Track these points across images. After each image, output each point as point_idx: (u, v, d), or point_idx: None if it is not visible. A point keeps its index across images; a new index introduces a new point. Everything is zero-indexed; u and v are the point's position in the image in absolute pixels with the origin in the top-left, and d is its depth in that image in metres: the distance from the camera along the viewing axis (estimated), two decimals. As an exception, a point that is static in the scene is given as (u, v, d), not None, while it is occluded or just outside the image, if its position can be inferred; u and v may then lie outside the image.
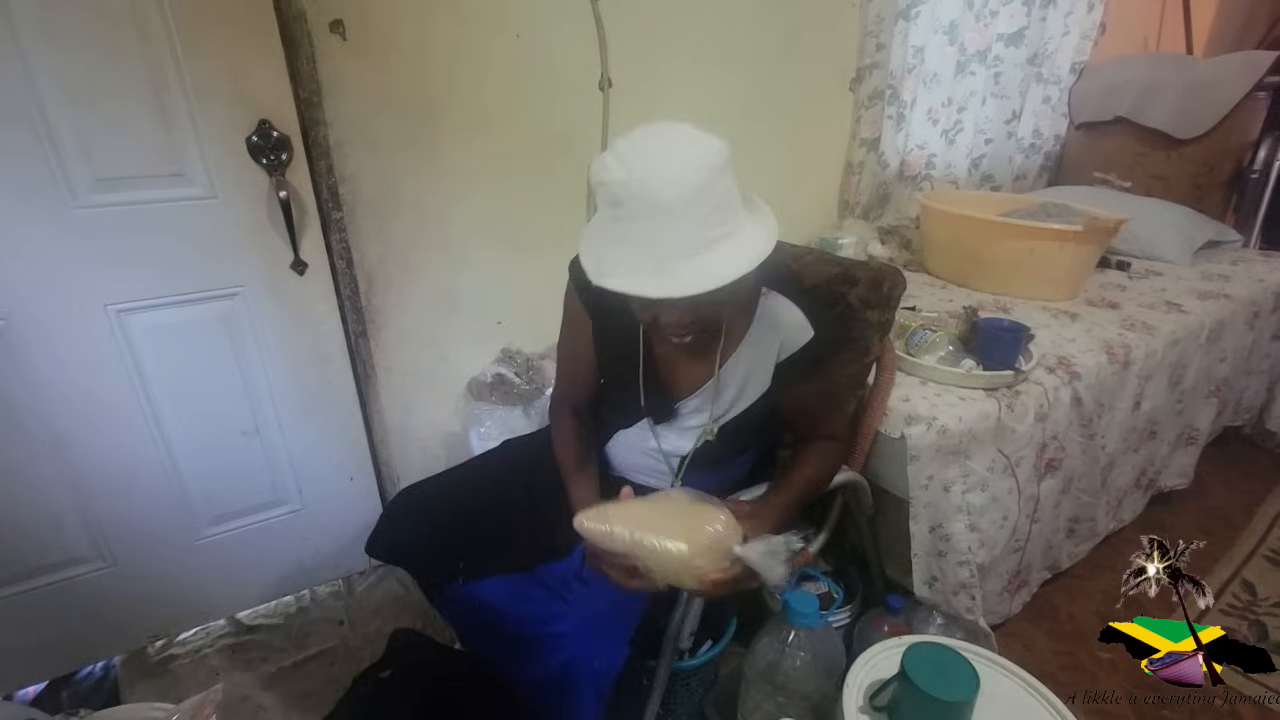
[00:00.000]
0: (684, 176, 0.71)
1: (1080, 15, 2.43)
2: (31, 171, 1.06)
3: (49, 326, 1.15)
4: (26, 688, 1.34)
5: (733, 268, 0.74)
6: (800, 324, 0.95)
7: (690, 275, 0.73)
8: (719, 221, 0.74)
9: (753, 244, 0.76)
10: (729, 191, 0.75)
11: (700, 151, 0.72)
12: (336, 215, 1.34)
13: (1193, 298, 1.81)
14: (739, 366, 0.99)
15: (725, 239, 0.74)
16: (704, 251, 0.73)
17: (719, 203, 0.73)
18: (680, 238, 0.73)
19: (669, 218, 0.71)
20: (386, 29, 1.29)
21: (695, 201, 0.71)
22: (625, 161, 0.72)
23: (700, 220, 0.72)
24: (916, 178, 2.27)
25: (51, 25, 1.01)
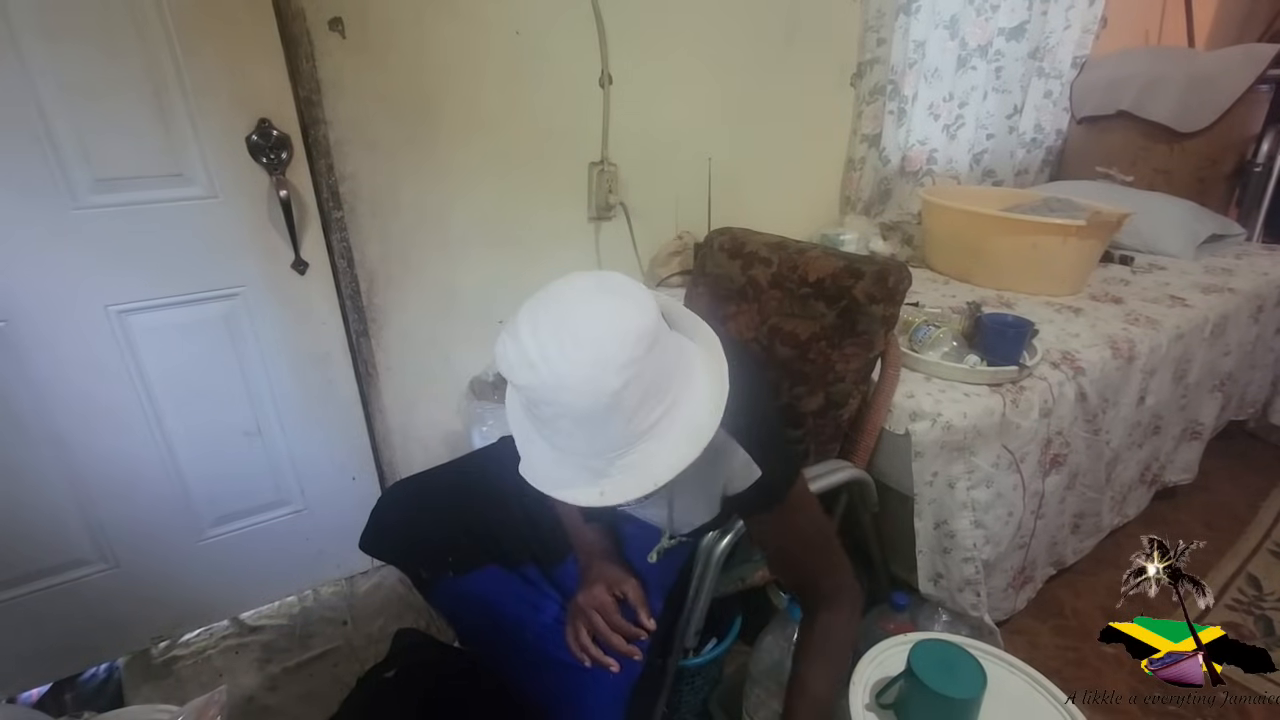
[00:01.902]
0: (601, 384, 0.60)
1: (1081, 9, 2.42)
2: (31, 172, 1.06)
3: (50, 328, 1.14)
4: (30, 690, 1.34)
5: (673, 459, 0.65)
6: (743, 462, 0.80)
7: (627, 479, 0.65)
8: (650, 409, 0.64)
9: (693, 421, 0.66)
10: (658, 370, 0.64)
11: (614, 347, 0.60)
12: (337, 214, 1.33)
13: (1196, 292, 1.80)
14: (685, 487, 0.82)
15: (661, 421, 0.65)
16: (638, 444, 0.64)
17: (647, 390, 0.63)
18: (608, 442, 0.64)
19: (590, 426, 0.63)
20: (386, 27, 1.28)
21: (617, 406, 0.61)
22: (534, 367, 0.61)
23: (627, 419, 0.63)
24: (918, 173, 2.26)
25: (50, 25, 1.01)
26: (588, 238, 1.71)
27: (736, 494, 0.83)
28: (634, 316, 0.62)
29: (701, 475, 0.81)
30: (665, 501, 0.95)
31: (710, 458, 0.76)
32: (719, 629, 1.19)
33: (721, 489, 0.86)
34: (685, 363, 0.68)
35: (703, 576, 1.02)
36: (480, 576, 1.02)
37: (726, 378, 0.69)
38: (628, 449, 0.64)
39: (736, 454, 0.80)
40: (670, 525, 0.98)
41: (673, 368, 0.66)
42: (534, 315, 0.64)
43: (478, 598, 1.01)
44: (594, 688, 0.88)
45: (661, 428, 0.65)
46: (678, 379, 0.66)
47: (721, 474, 0.83)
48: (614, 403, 0.61)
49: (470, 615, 1.04)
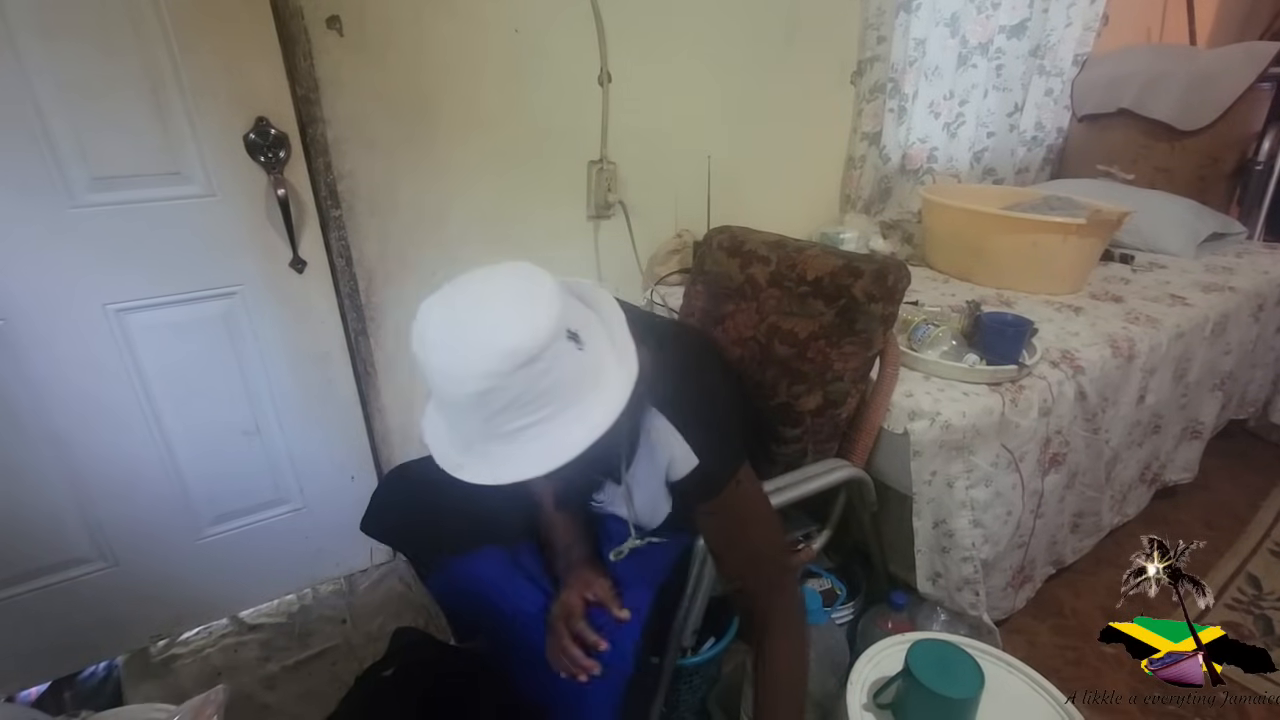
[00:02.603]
0: (466, 381, 0.65)
1: (1083, 6, 2.42)
2: (28, 171, 1.05)
3: (48, 327, 1.14)
4: (29, 689, 1.34)
5: (521, 469, 0.69)
6: (683, 452, 0.83)
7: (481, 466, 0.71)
8: (517, 416, 0.67)
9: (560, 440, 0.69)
10: (528, 388, 0.66)
11: (487, 355, 0.65)
12: (335, 213, 1.33)
13: (1197, 290, 1.79)
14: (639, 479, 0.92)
15: (526, 430, 0.68)
16: (503, 443, 0.69)
17: (512, 401, 0.66)
18: (477, 429, 0.69)
19: (460, 412, 0.69)
20: (384, 24, 1.28)
21: (478, 404, 0.66)
22: (426, 345, 0.67)
23: (487, 419, 0.67)
24: (918, 171, 2.26)
25: (47, 23, 1.00)
26: (587, 236, 1.70)
27: (677, 481, 0.86)
28: (516, 336, 0.65)
29: (653, 461, 0.87)
30: (625, 499, 0.96)
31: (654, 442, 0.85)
32: (717, 628, 1.19)
33: (665, 476, 0.88)
34: (584, 383, 0.70)
35: (699, 575, 1.02)
36: (475, 560, 1.02)
37: (618, 407, 0.71)
38: (495, 443, 0.69)
39: (676, 443, 0.83)
40: (634, 521, 0.99)
41: (558, 386, 0.68)
42: (448, 297, 0.70)
43: (472, 588, 1.02)
44: (587, 686, 0.88)
45: (524, 437, 0.69)
46: (563, 398, 0.69)
47: (664, 461, 0.86)
48: (474, 403, 0.66)
49: (466, 606, 1.05)
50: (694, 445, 0.82)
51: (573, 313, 0.72)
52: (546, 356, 0.66)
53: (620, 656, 0.89)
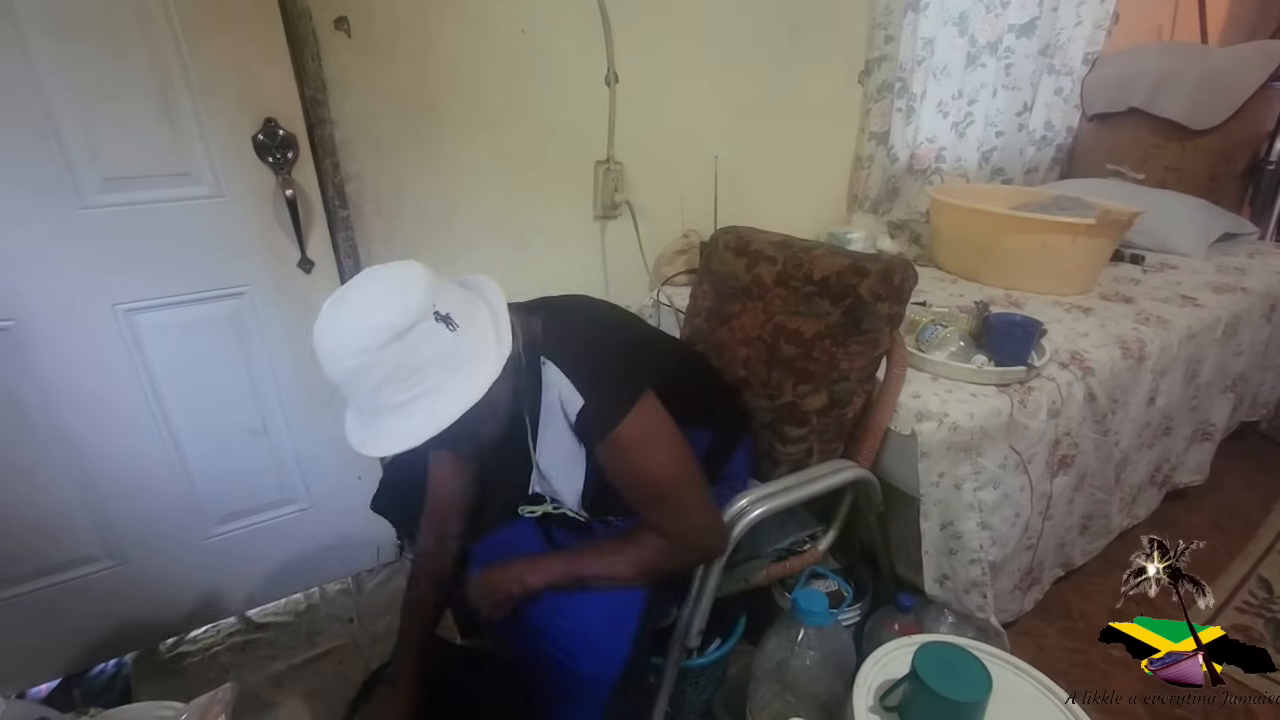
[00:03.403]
0: (339, 359, 0.74)
1: (1093, 5, 2.40)
2: (39, 172, 1.06)
3: (57, 327, 1.15)
4: (39, 686, 1.35)
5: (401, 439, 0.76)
6: (570, 394, 0.88)
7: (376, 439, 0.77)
8: (397, 390, 0.75)
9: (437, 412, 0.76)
10: (402, 364, 0.74)
11: (360, 332, 0.73)
12: (343, 213, 1.34)
13: (1208, 291, 1.78)
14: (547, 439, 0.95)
15: (411, 404, 0.76)
16: (386, 416, 0.76)
17: (387, 376, 0.74)
18: (365, 405, 0.77)
19: (347, 389, 0.77)
20: (391, 25, 1.28)
21: (354, 379, 0.75)
22: (316, 329, 0.76)
23: (370, 395, 0.75)
24: (926, 171, 2.25)
25: (56, 25, 1.01)
26: (593, 237, 1.70)
27: (573, 423, 0.90)
28: (383, 315, 0.73)
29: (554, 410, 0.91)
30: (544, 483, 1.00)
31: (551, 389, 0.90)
32: (723, 629, 1.19)
33: (566, 419, 0.91)
34: (458, 361, 0.77)
35: (705, 575, 1.02)
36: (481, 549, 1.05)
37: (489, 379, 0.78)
38: (379, 416, 0.77)
39: (565, 384, 0.88)
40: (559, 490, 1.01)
41: (431, 364, 0.75)
42: (338, 293, 0.78)
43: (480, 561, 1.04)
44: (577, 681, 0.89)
45: (407, 411, 0.76)
46: (439, 374, 0.76)
47: (558, 404, 0.90)
48: (352, 378, 0.75)
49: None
50: (579, 387, 0.87)
51: (449, 299, 0.79)
52: (413, 335, 0.74)
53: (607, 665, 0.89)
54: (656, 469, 0.91)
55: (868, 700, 0.85)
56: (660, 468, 0.91)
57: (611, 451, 0.89)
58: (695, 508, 0.96)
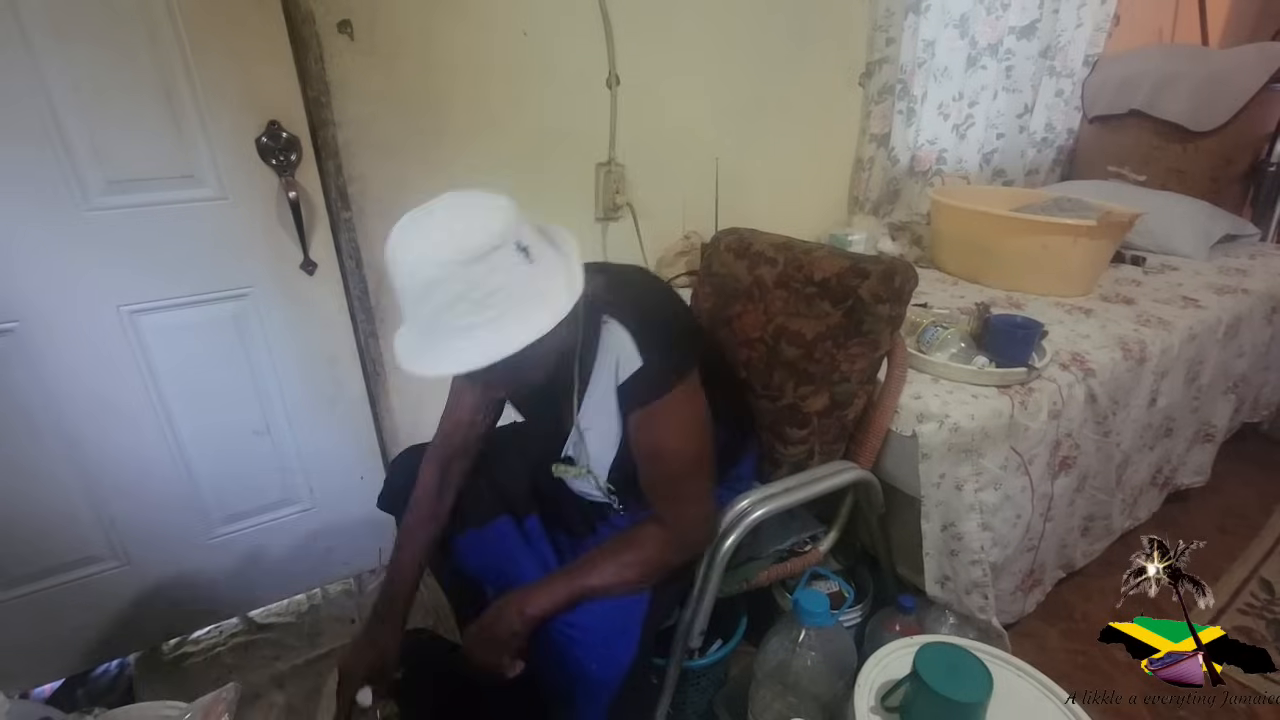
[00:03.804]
0: (417, 270, 0.73)
1: (1094, 7, 2.41)
2: (44, 174, 1.07)
3: (62, 328, 1.16)
4: (42, 686, 1.35)
5: (460, 363, 0.75)
6: (630, 352, 0.88)
7: (434, 359, 0.76)
8: (467, 312, 0.74)
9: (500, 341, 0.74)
10: (477, 285, 0.73)
11: (445, 246, 0.72)
12: (345, 215, 1.34)
13: (1210, 292, 1.78)
14: (593, 398, 0.95)
15: (478, 329, 0.74)
16: (448, 337, 0.75)
17: (461, 295, 0.73)
18: (424, 322, 0.76)
19: (409, 302, 0.76)
20: (394, 29, 1.29)
21: (426, 293, 0.73)
22: (392, 244, 0.75)
23: (437, 311, 0.74)
24: (927, 173, 2.25)
25: (62, 29, 1.02)
26: (595, 238, 1.71)
27: (623, 383, 0.89)
28: (468, 235, 0.73)
29: (606, 369, 0.91)
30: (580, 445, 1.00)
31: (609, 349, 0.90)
32: (724, 630, 1.19)
33: (615, 378, 0.91)
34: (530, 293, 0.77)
35: (707, 576, 1.02)
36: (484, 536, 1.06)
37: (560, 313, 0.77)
38: (441, 338, 0.75)
39: (625, 344, 0.88)
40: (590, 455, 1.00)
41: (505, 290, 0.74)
42: (419, 210, 0.78)
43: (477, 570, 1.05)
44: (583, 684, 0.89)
45: (473, 336, 0.74)
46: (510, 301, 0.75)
47: (613, 363, 0.90)
48: (424, 293, 0.73)
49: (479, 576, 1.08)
50: (640, 348, 0.87)
51: (529, 234, 0.79)
52: (495, 258, 0.73)
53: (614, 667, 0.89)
54: (685, 447, 0.92)
55: (869, 701, 0.86)
56: (689, 446, 0.92)
57: (650, 419, 0.89)
58: (703, 496, 0.97)
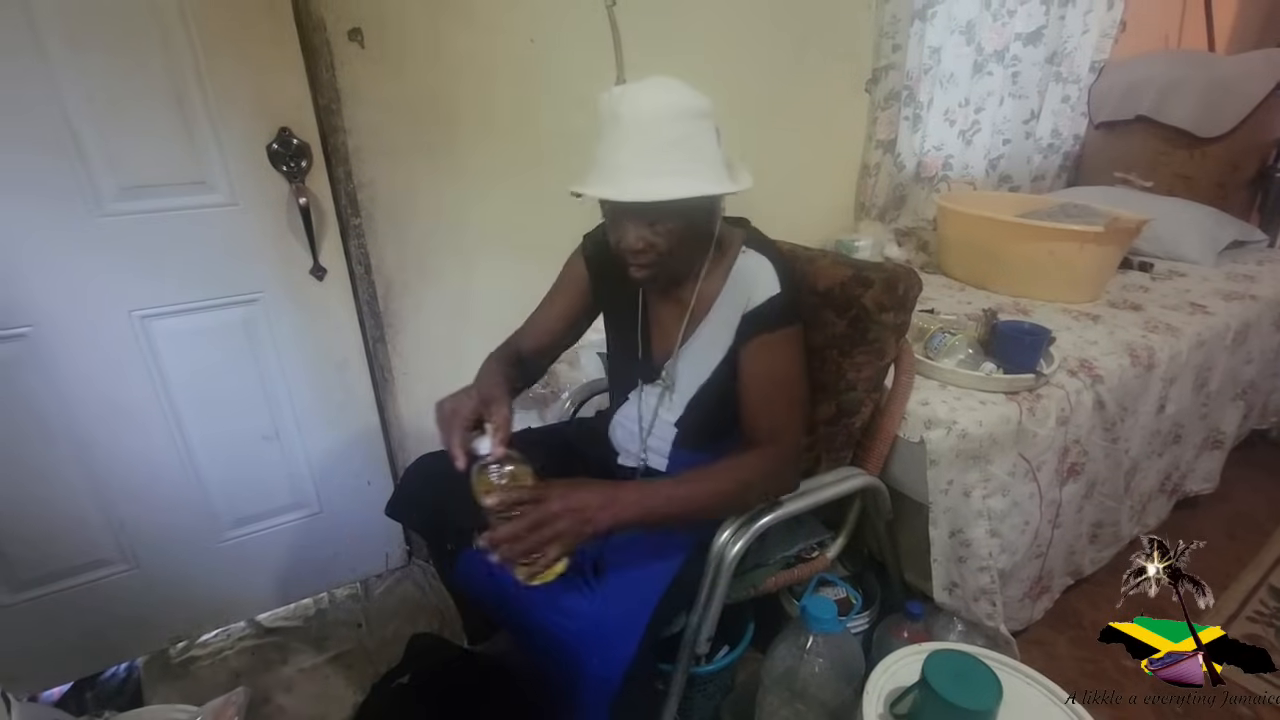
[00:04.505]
0: (655, 105, 0.85)
1: (1100, 13, 2.41)
2: (59, 181, 1.08)
3: (75, 333, 1.17)
4: (52, 688, 1.36)
5: (671, 190, 0.84)
6: (770, 278, 0.98)
7: (634, 188, 0.85)
8: (681, 158, 0.86)
9: (702, 184, 0.87)
10: (695, 139, 0.87)
11: (679, 95, 0.86)
12: (355, 221, 1.35)
13: (1218, 299, 1.78)
14: (711, 322, 1.03)
15: (681, 174, 0.86)
16: (656, 177, 0.85)
17: (679, 140, 0.85)
18: (632, 156, 0.85)
19: (627, 136, 0.85)
20: (403, 37, 1.30)
21: (656, 127, 0.84)
22: (613, 92, 0.87)
23: (658, 148, 0.85)
24: (933, 179, 2.25)
25: (76, 38, 1.03)
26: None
27: (755, 308, 0.97)
28: (699, 97, 0.88)
29: (736, 294, 1.00)
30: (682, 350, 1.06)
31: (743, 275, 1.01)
32: (731, 636, 1.19)
33: (745, 305, 0.98)
34: (717, 165, 0.90)
35: (714, 582, 1.02)
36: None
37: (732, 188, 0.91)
38: (648, 176, 0.85)
39: (767, 269, 0.99)
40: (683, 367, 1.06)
41: (710, 158, 0.89)
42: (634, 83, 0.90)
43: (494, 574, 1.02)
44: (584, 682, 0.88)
45: (677, 178, 0.86)
46: (707, 165, 0.88)
47: (749, 290, 0.99)
48: (655, 123, 0.85)
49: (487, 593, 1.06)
50: (779, 277, 0.99)
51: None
52: (707, 124, 0.88)
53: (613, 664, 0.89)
54: (798, 379, 1.01)
55: (877, 708, 0.85)
56: (800, 381, 1.02)
57: (774, 345, 0.97)
58: (799, 434, 1.04)
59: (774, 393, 0.98)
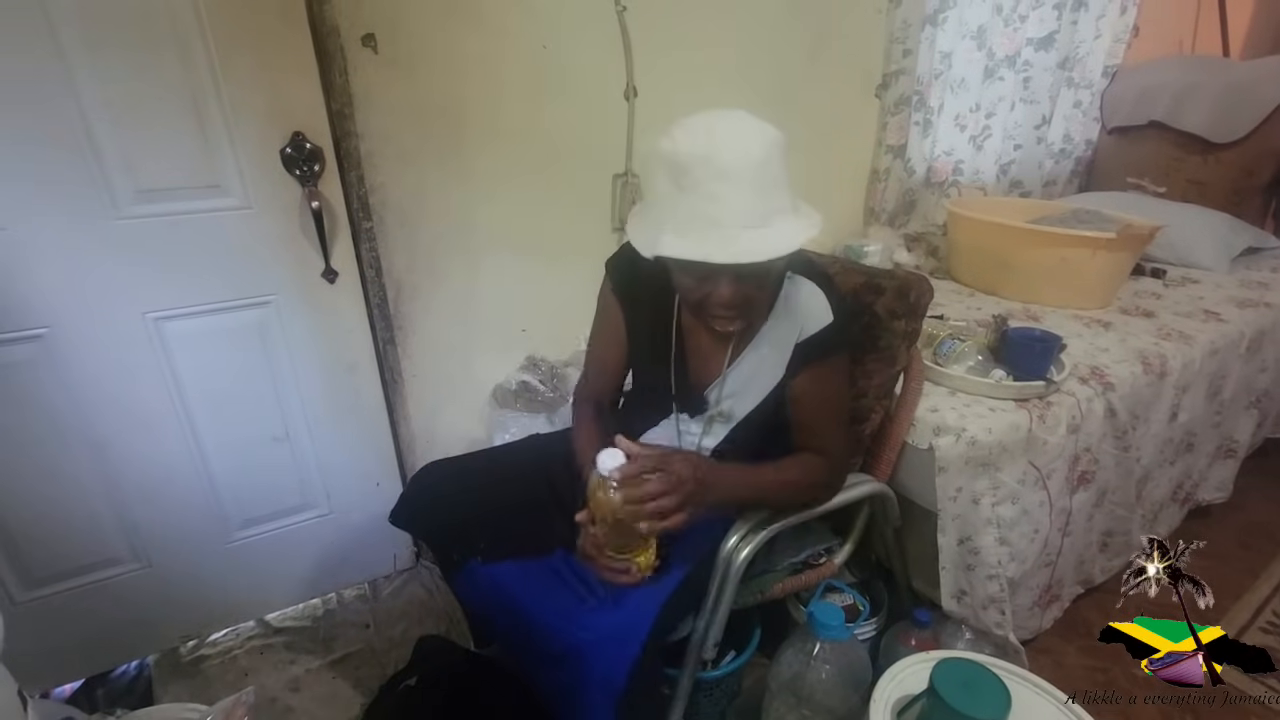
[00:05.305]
0: (750, 148, 0.78)
1: (1113, 18, 2.40)
2: (76, 184, 1.09)
3: (90, 334, 1.18)
4: (63, 686, 1.37)
5: (791, 239, 0.80)
6: (822, 307, 0.97)
7: (750, 244, 0.78)
8: (776, 198, 0.81)
9: (804, 223, 0.83)
10: (783, 174, 0.82)
11: (761, 130, 0.81)
12: (366, 225, 1.36)
13: (1231, 306, 1.76)
14: (759, 350, 1.02)
15: (780, 215, 0.81)
16: (761, 225, 0.79)
17: (775, 180, 0.81)
18: (742, 207, 0.78)
19: (733, 185, 0.78)
20: (416, 42, 1.31)
21: (758, 172, 0.78)
22: (694, 134, 0.79)
23: (761, 192, 0.79)
24: (944, 184, 2.25)
25: (96, 45, 1.04)
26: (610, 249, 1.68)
27: (809, 337, 0.97)
28: (773, 129, 0.82)
29: (785, 324, 0.99)
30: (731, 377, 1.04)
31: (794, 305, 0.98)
32: (738, 641, 1.19)
33: (797, 335, 0.98)
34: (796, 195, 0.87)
35: (722, 587, 1.02)
36: (509, 567, 1.03)
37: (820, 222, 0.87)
38: (754, 224, 0.79)
39: (819, 298, 0.97)
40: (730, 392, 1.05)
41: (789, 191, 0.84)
42: (694, 117, 0.83)
43: (498, 588, 1.03)
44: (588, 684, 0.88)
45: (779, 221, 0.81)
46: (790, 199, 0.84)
47: (800, 320, 0.98)
48: (757, 168, 0.78)
49: (489, 605, 1.07)
50: (831, 305, 0.97)
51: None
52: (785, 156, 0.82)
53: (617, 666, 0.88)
54: (845, 396, 1.06)
55: (884, 716, 0.85)
56: (847, 402, 1.07)
57: (830, 372, 0.99)
58: (847, 447, 1.11)
59: (826, 414, 1.02)
